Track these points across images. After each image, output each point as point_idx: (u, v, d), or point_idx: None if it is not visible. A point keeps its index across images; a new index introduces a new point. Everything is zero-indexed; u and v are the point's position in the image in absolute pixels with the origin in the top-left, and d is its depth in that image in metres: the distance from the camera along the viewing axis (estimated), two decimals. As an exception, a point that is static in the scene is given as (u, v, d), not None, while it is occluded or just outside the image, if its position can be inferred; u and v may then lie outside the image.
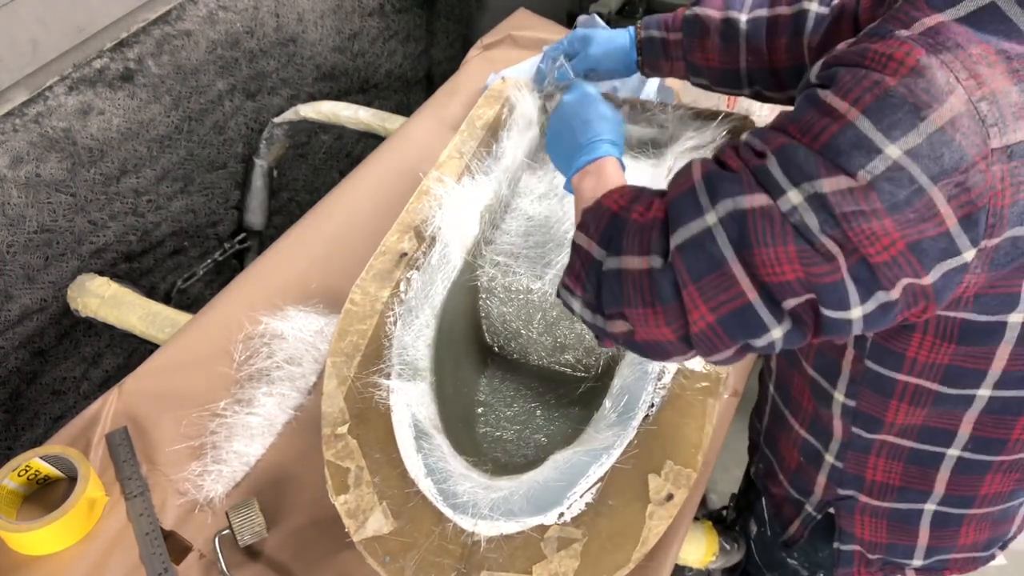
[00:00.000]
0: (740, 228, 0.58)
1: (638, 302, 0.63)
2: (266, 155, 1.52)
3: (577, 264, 0.69)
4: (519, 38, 1.55)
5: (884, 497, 0.85)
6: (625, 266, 0.64)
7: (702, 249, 0.60)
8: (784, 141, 0.59)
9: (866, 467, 0.84)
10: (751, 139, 0.62)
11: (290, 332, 1.00)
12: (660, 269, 0.62)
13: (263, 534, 0.83)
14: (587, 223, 0.69)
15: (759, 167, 0.59)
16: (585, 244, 0.68)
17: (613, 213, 0.67)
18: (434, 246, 0.98)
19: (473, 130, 1.15)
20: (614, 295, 0.65)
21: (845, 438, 0.83)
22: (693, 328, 0.61)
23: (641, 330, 0.64)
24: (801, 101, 0.61)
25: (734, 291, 0.59)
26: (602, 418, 0.83)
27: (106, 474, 0.90)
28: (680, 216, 0.62)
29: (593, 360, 1.04)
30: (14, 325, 1.20)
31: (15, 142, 1.10)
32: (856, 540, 0.90)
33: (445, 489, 0.77)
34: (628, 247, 0.64)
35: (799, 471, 0.92)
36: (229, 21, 1.38)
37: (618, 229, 0.66)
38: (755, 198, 0.58)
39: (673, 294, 0.61)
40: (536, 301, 1.03)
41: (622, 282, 0.64)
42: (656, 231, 0.63)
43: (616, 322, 0.65)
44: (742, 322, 0.60)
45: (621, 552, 0.73)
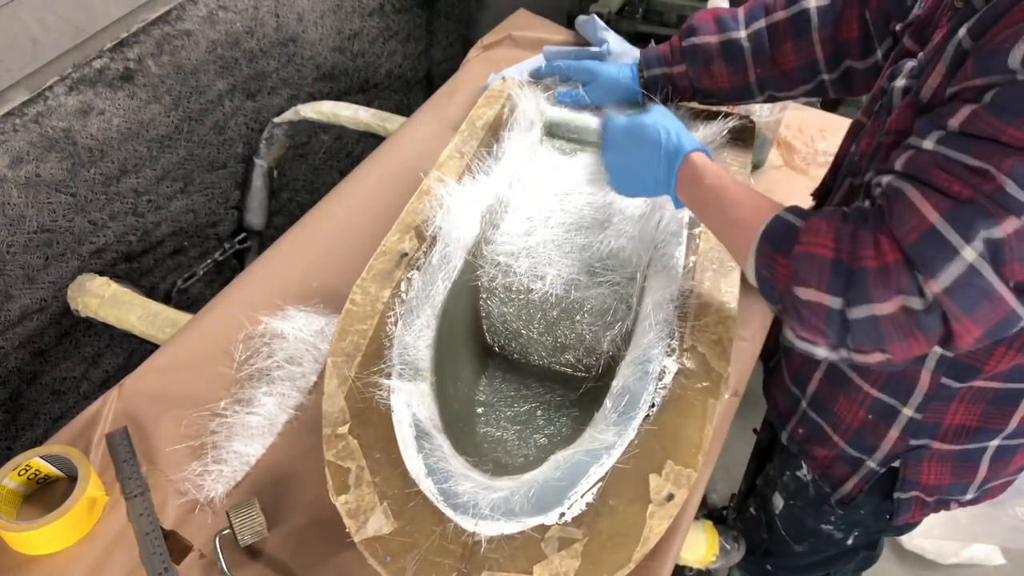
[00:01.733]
0: (998, 254, 0.59)
1: (900, 338, 0.63)
2: (266, 155, 1.52)
3: (812, 318, 0.67)
4: (519, 38, 1.55)
5: (958, 440, 0.87)
6: (879, 312, 0.63)
7: (970, 286, 0.60)
8: (1013, 161, 0.58)
9: (946, 414, 0.85)
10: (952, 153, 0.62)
11: (290, 332, 1.00)
12: (923, 311, 0.62)
13: (264, 534, 0.83)
14: (805, 277, 0.67)
15: (996, 191, 0.59)
16: (815, 298, 0.66)
17: (833, 262, 0.66)
18: (435, 246, 0.98)
19: (473, 130, 1.15)
20: (872, 338, 0.65)
21: (931, 389, 0.84)
22: (958, 343, 0.63)
23: (900, 355, 0.65)
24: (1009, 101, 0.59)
25: (1001, 307, 0.61)
26: (603, 418, 0.83)
27: (106, 474, 0.90)
28: (934, 261, 0.61)
29: (594, 360, 1.04)
30: (14, 325, 1.20)
31: (15, 142, 1.10)
32: (919, 487, 0.92)
33: (446, 489, 0.77)
34: (875, 295, 0.63)
35: (863, 429, 0.93)
36: (229, 21, 1.38)
37: (856, 280, 0.64)
38: (1006, 224, 0.59)
39: (940, 324, 0.62)
40: (536, 301, 1.03)
41: (879, 327, 0.64)
42: (903, 275, 0.62)
43: (872, 355, 0.66)
44: (1007, 325, 0.62)
45: (622, 552, 0.73)
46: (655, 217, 1.03)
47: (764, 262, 0.71)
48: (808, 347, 0.70)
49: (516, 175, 1.14)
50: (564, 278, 1.02)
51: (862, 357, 0.66)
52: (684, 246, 0.98)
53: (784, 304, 0.70)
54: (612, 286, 1.01)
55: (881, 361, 0.66)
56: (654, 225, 1.03)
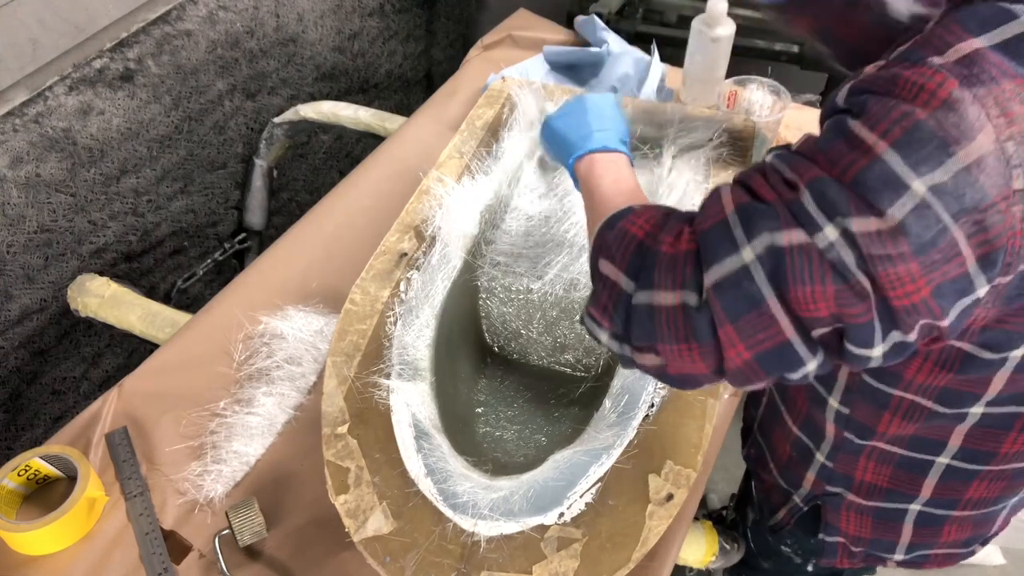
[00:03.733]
0: (777, 265, 0.56)
1: (671, 338, 0.60)
2: (266, 155, 1.52)
3: (604, 296, 0.65)
4: (519, 38, 1.55)
5: (871, 497, 0.86)
6: (657, 301, 0.61)
7: (739, 288, 0.57)
8: (815, 174, 0.56)
9: (855, 468, 0.84)
10: (779, 165, 0.60)
11: (290, 332, 1.00)
12: (695, 307, 0.59)
13: (263, 534, 0.83)
14: (611, 250, 0.66)
15: (793, 201, 0.57)
16: (612, 275, 0.65)
17: (640, 241, 0.64)
18: (434, 246, 0.98)
19: (473, 130, 1.15)
20: (645, 330, 0.62)
21: (837, 441, 0.84)
22: (729, 365, 0.59)
23: (673, 365, 0.61)
24: (830, 128, 0.59)
25: (773, 330, 0.57)
26: (602, 418, 0.83)
27: (106, 474, 0.90)
28: (714, 251, 0.59)
29: (593, 360, 1.04)
30: (14, 325, 1.20)
31: (15, 142, 1.10)
32: (840, 533, 0.92)
33: (445, 489, 0.77)
34: (659, 282, 0.61)
35: (789, 464, 0.93)
36: (229, 21, 1.38)
37: (647, 261, 0.62)
38: (792, 234, 0.56)
39: (709, 332, 0.59)
40: (536, 301, 1.03)
41: (654, 318, 0.61)
42: (689, 266, 0.60)
43: (646, 355, 0.63)
44: (780, 358, 0.58)
45: (621, 552, 0.73)
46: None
47: (598, 242, 0.69)
48: (593, 327, 0.67)
49: (516, 175, 1.14)
50: (564, 278, 1.02)
51: (639, 356, 0.63)
52: (684, 246, 0.98)
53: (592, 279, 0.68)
54: (612, 286, 1.01)
55: (656, 366, 0.62)
56: (654, 225, 1.03)
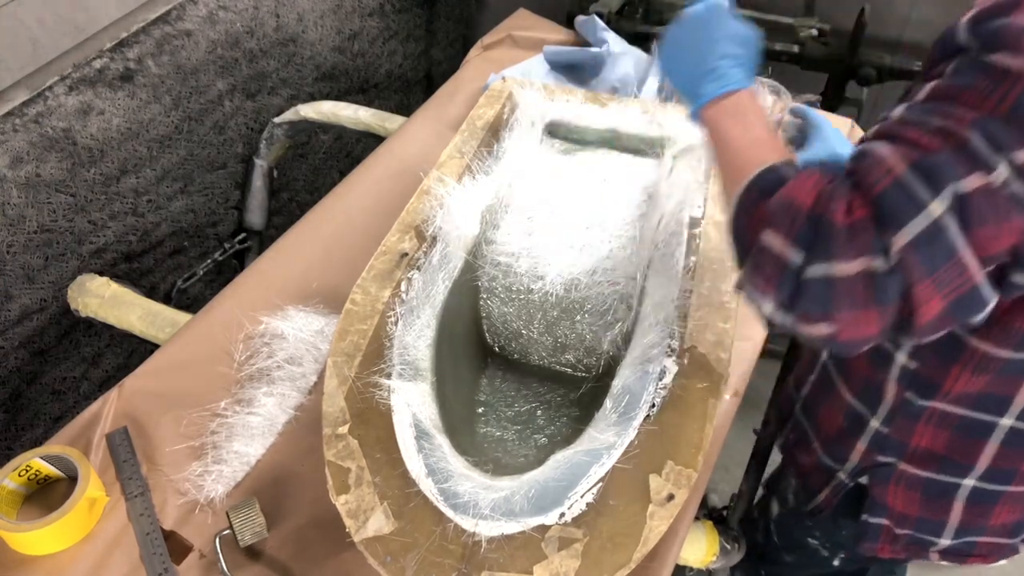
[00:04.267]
0: (965, 212, 0.57)
1: (851, 306, 0.60)
2: (266, 155, 1.52)
3: (769, 267, 0.64)
4: (519, 38, 1.55)
5: (925, 465, 0.84)
6: (836, 273, 0.60)
7: (935, 242, 0.57)
8: (973, 116, 0.57)
9: (912, 434, 0.83)
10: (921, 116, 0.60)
11: (290, 332, 1.00)
12: (885, 272, 0.59)
13: (264, 534, 0.83)
14: (776, 222, 0.64)
15: (963, 146, 0.57)
16: (778, 246, 0.63)
17: (808, 212, 0.62)
18: (435, 246, 0.98)
19: (473, 130, 1.15)
20: (819, 302, 0.61)
21: (896, 403, 0.83)
22: (920, 320, 0.59)
23: (846, 332, 0.61)
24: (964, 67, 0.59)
25: (965, 275, 0.58)
26: (603, 418, 0.83)
27: (106, 474, 0.90)
28: (899, 213, 0.58)
29: (594, 360, 1.04)
30: (14, 325, 1.20)
31: (15, 142, 1.10)
32: (886, 512, 0.90)
33: (446, 489, 0.77)
34: (839, 253, 0.60)
35: (838, 437, 0.92)
36: (229, 21, 1.38)
37: (821, 233, 0.61)
38: (973, 179, 0.56)
39: (896, 293, 0.59)
40: (536, 301, 1.03)
41: (832, 289, 0.60)
42: (869, 233, 0.59)
43: (817, 325, 0.62)
44: (970, 304, 0.59)
45: (622, 552, 0.73)
46: (655, 217, 1.03)
47: (745, 207, 0.69)
48: (756, 299, 0.66)
49: (516, 175, 1.14)
50: (564, 278, 1.02)
51: (806, 326, 0.63)
52: (684, 246, 0.98)
53: (749, 250, 0.67)
54: (612, 286, 1.01)
55: (826, 335, 0.62)
56: (654, 225, 1.02)
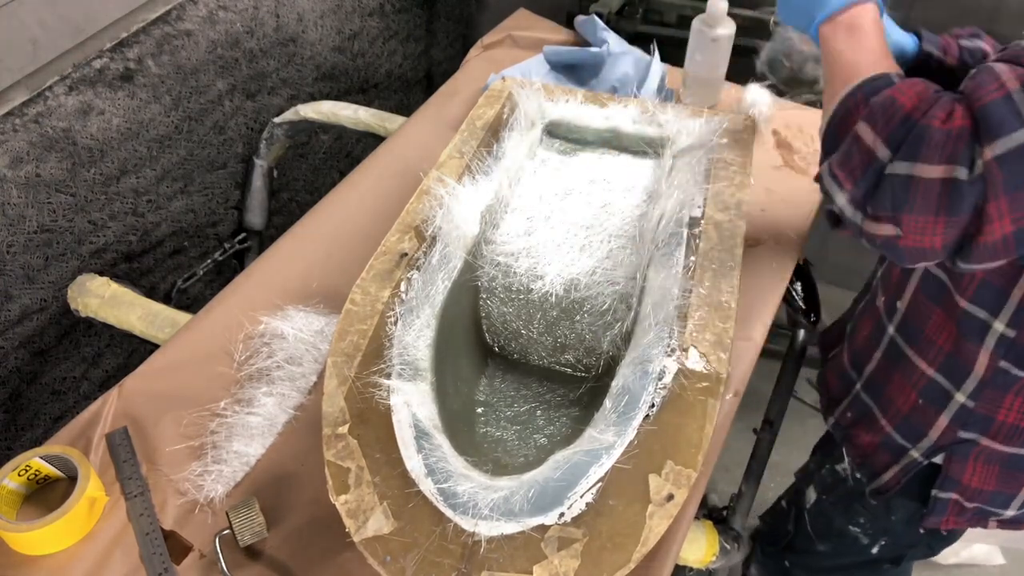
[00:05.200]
0: None
1: (922, 209, 0.60)
2: (266, 155, 1.52)
3: (856, 158, 0.65)
4: (519, 38, 1.55)
5: (1009, 441, 0.83)
6: (919, 173, 0.61)
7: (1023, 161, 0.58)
8: None
9: (1000, 408, 0.82)
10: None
11: (290, 332, 1.00)
12: (967, 181, 0.59)
13: (263, 534, 0.83)
14: (874, 116, 0.65)
15: None
16: (870, 140, 0.65)
17: (907, 113, 0.64)
18: (434, 246, 0.98)
19: (473, 130, 1.15)
20: (894, 200, 0.62)
21: (987, 375, 0.81)
22: (985, 238, 0.60)
23: (910, 237, 0.62)
24: None
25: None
26: (602, 418, 0.83)
27: (106, 474, 0.90)
28: (998, 126, 0.59)
29: (593, 360, 1.04)
30: (14, 325, 1.20)
31: (15, 142, 1.10)
32: (959, 487, 0.88)
33: (445, 489, 0.77)
34: (927, 155, 0.61)
35: (912, 414, 0.90)
36: (229, 21, 1.38)
37: (915, 134, 0.62)
38: None
39: (971, 205, 0.59)
40: (536, 301, 1.03)
41: (909, 189, 0.61)
42: (963, 141, 0.60)
43: (883, 224, 0.63)
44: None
45: (622, 552, 0.73)
46: (655, 217, 1.03)
47: (847, 105, 0.69)
48: (833, 188, 0.68)
49: (516, 175, 1.14)
50: (564, 278, 1.02)
51: (873, 225, 0.63)
52: (684, 246, 0.98)
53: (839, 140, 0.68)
54: (612, 286, 1.01)
55: (889, 236, 0.63)
56: (654, 225, 1.03)
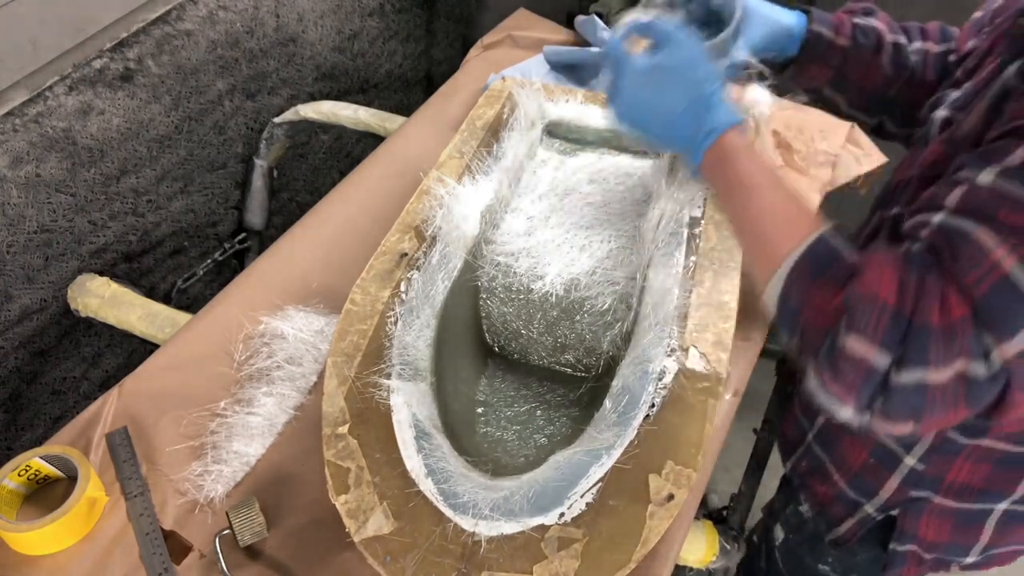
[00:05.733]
0: None
1: (943, 410, 0.55)
2: (266, 155, 1.52)
3: (851, 375, 0.57)
4: (519, 38, 1.55)
5: (961, 498, 0.82)
6: (932, 380, 0.54)
7: None
8: None
9: (949, 470, 0.80)
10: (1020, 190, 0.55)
11: (290, 332, 1.00)
12: (984, 377, 0.54)
13: (263, 534, 0.83)
14: (859, 323, 0.57)
15: None
16: (861, 350, 0.56)
17: (896, 311, 0.56)
18: (434, 246, 0.98)
19: (473, 130, 1.15)
20: (909, 407, 0.56)
21: (936, 442, 0.79)
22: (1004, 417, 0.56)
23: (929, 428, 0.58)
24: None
25: None
26: (603, 418, 0.83)
27: (106, 474, 0.90)
28: (1010, 318, 0.53)
29: (594, 360, 1.04)
30: (14, 325, 1.20)
31: (15, 142, 1.10)
32: (916, 540, 0.87)
33: (446, 489, 0.77)
34: (936, 360, 0.54)
35: (864, 472, 0.88)
36: (229, 21, 1.38)
37: (914, 337, 0.55)
38: None
39: (993, 399, 0.55)
40: (536, 301, 1.03)
41: (925, 396, 0.55)
42: (968, 334, 0.54)
43: (900, 425, 0.57)
44: None
45: (622, 552, 0.73)
46: (655, 217, 1.03)
47: (796, 288, 0.62)
48: (832, 404, 0.60)
49: (516, 175, 1.14)
50: (564, 278, 1.02)
51: (887, 425, 0.58)
52: (684, 246, 0.98)
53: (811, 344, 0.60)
54: (612, 286, 1.01)
55: (908, 433, 0.58)
56: (654, 225, 1.03)
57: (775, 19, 0.92)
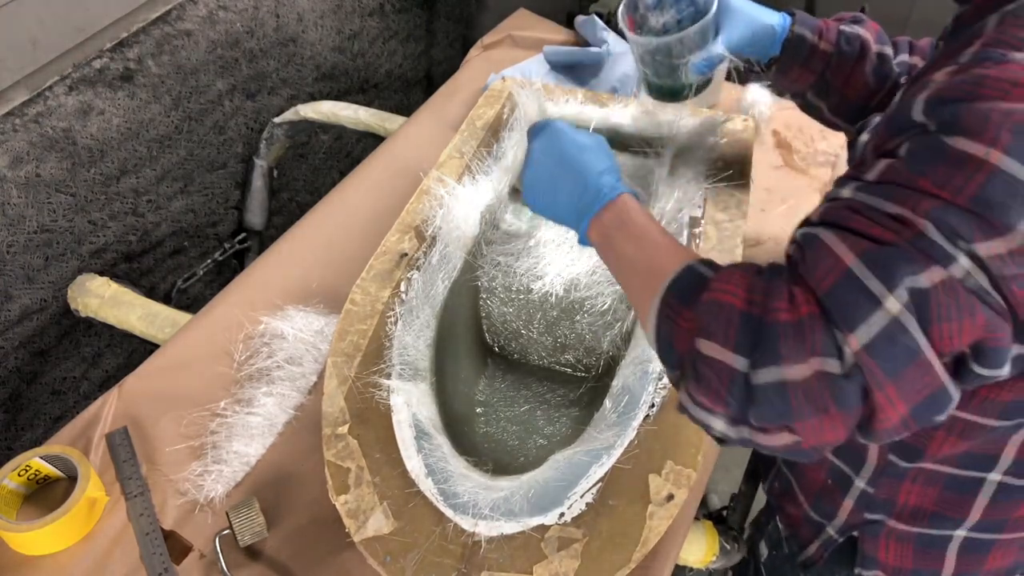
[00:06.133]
0: (924, 308, 0.52)
1: (810, 413, 0.54)
2: (266, 155, 1.52)
3: (713, 380, 0.57)
4: (519, 38, 1.55)
5: (914, 522, 0.82)
6: (789, 377, 0.54)
7: (895, 343, 0.52)
8: (930, 203, 0.53)
9: (898, 492, 0.81)
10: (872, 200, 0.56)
11: (290, 332, 1.00)
12: (841, 374, 0.53)
13: (263, 534, 0.83)
14: (709, 328, 0.58)
15: (918, 236, 0.53)
16: (718, 354, 0.57)
17: (743, 312, 0.57)
18: (434, 246, 0.98)
19: (473, 130, 1.15)
20: (777, 410, 0.55)
21: (880, 465, 0.80)
22: (882, 424, 0.54)
23: (811, 439, 0.56)
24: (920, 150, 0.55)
25: (929, 377, 0.53)
26: (603, 418, 0.83)
27: (106, 474, 0.90)
28: (854, 312, 0.53)
29: (593, 360, 1.04)
30: (14, 325, 1.20)
31: (15, 142, 1.10)
32: (879, 565, 0.87)
33: (445, 489, 0.77)
34: (788, 356, 0.54)
35: (823, 493, 0.89)
36: (229, 21, 1.38)
37: (765, 336, 0.56)
38: (932, 273, 0.52)
39: (858, 398, 0.54)
40: (536, 301, 1.03)
41: (787, 395, 0.54)
42: (818, 332, 0.54)
43: (776, 435, 0.57)
44: (934, 405, 0.54)
45: (622, 552, 0.73)
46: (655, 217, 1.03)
47: (666, 314, 0.63)
48: (704, 416, 0.60)
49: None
50: (564, 278, 1.02)
51: (765, 438, 0.57)
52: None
53: (683, 364, 0.61)
54: (612, 286, 1.01)
55: (789, 445, 0.57)
56: (654, 225, 1.02)
57: (757, 17, 0.92)
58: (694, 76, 0.94)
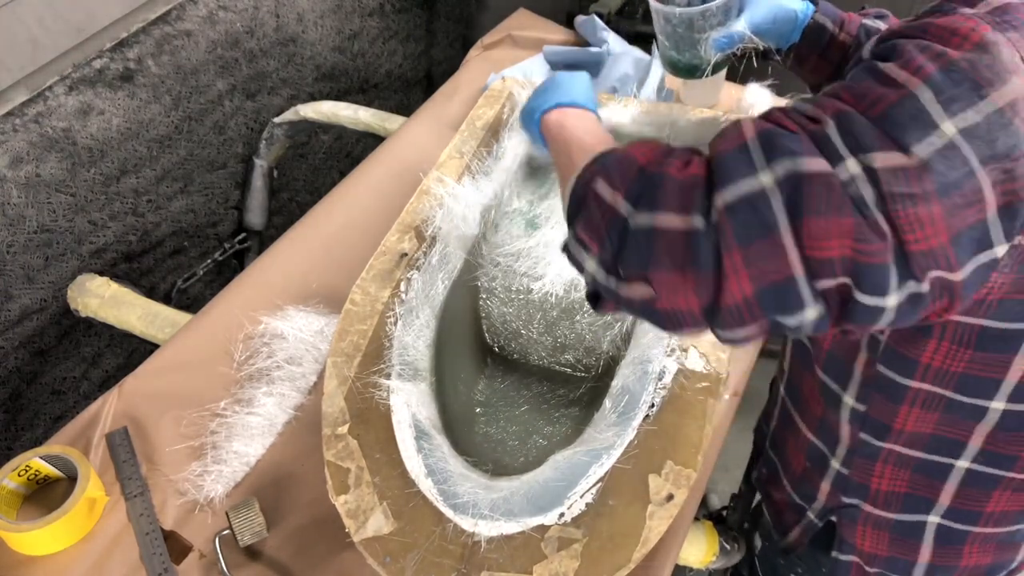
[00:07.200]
0: (796, 193, 0.53)
1: (668, 265, 0.56)
2: (266, 155, 1.52)
3: (597, 216, 0.61)
4: (519, 38, 1.55)
5: (888, 507, 0.84)
6: (659, 224, 0.57)
7: (754, 211, 0.54)
8: (841, 107, 0.55)
9: (872, 475, 0.82)
10: (801, 105, 0.59)
11: (290, 332, 1.00)
12: (702, 231, 0.55)
13: (263, 534, 0.83)
14: (610, 173, 0.62)
15: (817, 131, 0.55)
16: (609, 196, 0.60)
17: (642, 166, 0.60)
18: (434, 246, 0.98)
19: (473, 130, 1.15)
20: (640, 256, 0.58)
21: (852, 444, 0.82)
22: (726, 300, 0.55)
23: (665, 297, 0.57)
24: (857, 71, 0.58)
25: (781, 261, 0.54)
26: (602, 418, 0.83)
27: (106, 474, 0.90)
28: (730, 173, 0.56)
29: (593, 360, 1.04)
30: (14, 325, 1.20)
31: (15, 142, 1.10)
32: (856, 551, 0.89)
33: (445, 489, 0.77)
34: (665, 204, 0.57)
35: (804, 476, 0.91)
36: (229, 21, 1.38)
37: (651, 184, 0.59)
38: (815, 162, 0.53)
39: (712, 260, 0.55)
40: (536, 301, 1.03)
41: (653, 242, 0.57)
42: (699, 189, 0.57)
43: (635, 286, 0.59)
44: (781, 297, 0.55)
45: (621, 552, 0.73)
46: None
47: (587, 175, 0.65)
48: (581, 255, 0.63)
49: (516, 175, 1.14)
50: (564, 278, 1.02)
51: (626, 287, 0.59)
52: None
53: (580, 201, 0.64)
54: (612, 286, 1.01)
55: (644, 299, 0.58)
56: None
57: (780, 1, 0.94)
58: (713, 52, 0.94)
